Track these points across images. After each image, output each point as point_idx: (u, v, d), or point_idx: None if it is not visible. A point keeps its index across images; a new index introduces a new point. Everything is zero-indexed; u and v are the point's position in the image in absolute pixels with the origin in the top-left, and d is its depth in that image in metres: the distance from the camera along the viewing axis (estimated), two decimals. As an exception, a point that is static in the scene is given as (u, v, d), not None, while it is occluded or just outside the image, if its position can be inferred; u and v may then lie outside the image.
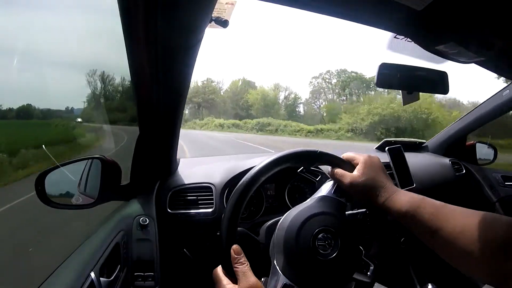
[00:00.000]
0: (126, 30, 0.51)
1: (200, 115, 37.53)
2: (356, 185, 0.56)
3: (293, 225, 0.55)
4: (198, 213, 0.88)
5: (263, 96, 33.96)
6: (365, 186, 0.55)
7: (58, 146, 5.19)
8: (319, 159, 0.60)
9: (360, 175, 0.56)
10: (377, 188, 0.55)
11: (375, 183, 0.55)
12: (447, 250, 0.47)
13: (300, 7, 0.45)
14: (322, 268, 0.53)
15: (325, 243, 0.54)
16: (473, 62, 0.53)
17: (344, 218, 0.58)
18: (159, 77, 0.62)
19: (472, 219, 0.45)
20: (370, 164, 0.58)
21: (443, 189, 1.24)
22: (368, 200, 0.57)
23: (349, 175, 0.57)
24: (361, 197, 0.57)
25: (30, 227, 2.65)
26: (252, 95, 34.54)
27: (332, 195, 0.59)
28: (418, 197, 0.52)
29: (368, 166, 0.57)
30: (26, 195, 3.08)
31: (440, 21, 0.41)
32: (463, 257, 0.45)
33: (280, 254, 0.54)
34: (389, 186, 0.55)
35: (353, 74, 32.42)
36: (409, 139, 1.61)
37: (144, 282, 0.71)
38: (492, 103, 1.25)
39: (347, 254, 0.55)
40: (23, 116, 6.63)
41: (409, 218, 0.51)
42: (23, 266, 1.95)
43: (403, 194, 0.54)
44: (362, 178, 0.56)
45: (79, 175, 0.82)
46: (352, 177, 0.56)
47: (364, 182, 0.55)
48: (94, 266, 0.57)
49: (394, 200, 0.53)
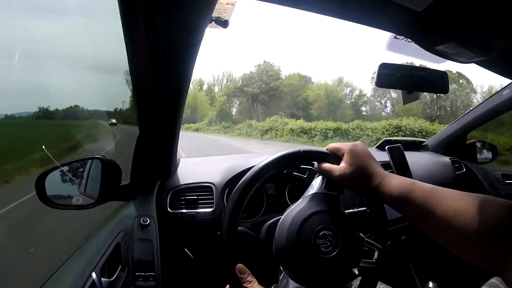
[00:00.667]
0: (127, 30, 0.51)
1: (255, 113, 27.17)
2: (346, 177, 0.54)
3: (294, 224, 0.55)
4: (198, 213, 0.89)
5: (326, 93, 25.58)
6: (355, 176, 0.54)
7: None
8: (303, 159, 0.60)
9: (348, 166, 0.55)
10: (367, 176, 0.54)
11: (364, 171, 0.54)
12: (441, 233, 0.46)
13: (301, 7, 0.45)
14: (324, 265, 0.53)
15: (326, 241, 0.54)
16: (473, 62, 0.53)
17: (342, 214, 0.58)
18: (159, 77, 0.62)
19: (464, 201, 0.44)
20: (356, 153, 0.56)
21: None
22: (360, 189, 0.55)
23: (337, 168, 0.56)
24: (353, 188, 0.56)
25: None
26: (312, 91, 26.24)
27: (324, 191, 0.59)
28: (408, 181, 0.51)
29: (354, 155, 0.55)
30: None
31: (440, 22, 0.41)
32: (457, 241, 0.44)
33: (285, 257, 0.54)
34: (379, 171, 0.54)
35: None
36: (409, 138, 1.61)
37: (145, 282, 0.71)
38: (492, 102, 1.25)
39: (348, 251, 0.55)
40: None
41: (402, 203, 0.50)
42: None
43: (394, 178, 0.53)
44: (351, 169, 0.54)
45: (79, 175, 0.82)
46: (340, 169, 0.55)
47: (352, 172, 0.54)
48: (95, 267, 0.57)
49: (385, 185, 0.52)
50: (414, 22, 0.42)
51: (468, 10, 0.37)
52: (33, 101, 6.73)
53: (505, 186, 1.35)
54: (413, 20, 0.41)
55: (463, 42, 0.43)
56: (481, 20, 0.39)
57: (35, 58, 7.78)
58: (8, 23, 6.66)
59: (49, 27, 11.71)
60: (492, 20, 0.38)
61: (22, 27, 7.19)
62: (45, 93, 6.60)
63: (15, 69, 4.90)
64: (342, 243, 0.54)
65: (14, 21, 7.25)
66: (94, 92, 8.21)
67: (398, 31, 0.47)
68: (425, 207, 0.47)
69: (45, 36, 11.22)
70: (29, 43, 7.80)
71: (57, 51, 10.15)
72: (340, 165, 0.56)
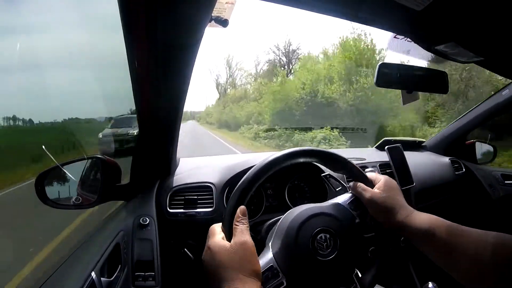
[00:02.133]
0: (126, 29, 0.51)
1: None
2: (375, 201, 0.58)
3: (294, 222, 0.55)
4: (198, 213, 0.88)
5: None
6: (385, 203, 0.57)
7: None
8: (345, 168, 0.62)
9: (381, 192, 0.58)
10: (395, 207, 0.57)
11: (394, 202, 0.57)
12: (462, 269, 0.48)
13: (301, 6, 0.45)
14: (320, 268, 0.53)
15: (324, 244, 0.54)
16: (473, 62, 0.53)
17: (347, 222, 0.58)
18: (159, 76, 0.62)
19: (484, 238, 0.47)
20: (390, 184, 0.60)
21: (443, 188, 1.24)
22: (384, 217, 0.58)
23: (370, 190, 0.59)
24: (378, 213, 0.58)
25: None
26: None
27: (346, 206, 0.60)
28: (435, 217, 0.54)
29: (389, 185, 0.60)
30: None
31: (440, 21, 0.41)
32: (478, 278, 0.46)
33: (278, 242, 0.55)
34: (407, 206, 0.57)
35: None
36: (409, 138, 1.61)
37: (144, 282, 0.71)
38: (491, 103, 1.25)
39: (346, 256, 0.55)
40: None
41: (429, 237, 0.52)
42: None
43: (421, 213, 0.56)
44: (383, 195, 0.58)
45: (79, 175, 0.82)
46: (373, 193, 0.59)
47: (384, 199, 0.57)
48: (95, 266, 0.57)
49: (413, 218, 0.55)
50: (414, 21, 0.42)
51: (467, 10, 0.37)
52: (32, 103, 6.74)
53: (505, 186, 1.35)
54: (412, 19, 0.41)
55: (463, 42, 0.43)
56: (481, 19, 0.39)
57: (32, 57, 7.73)
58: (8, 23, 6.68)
59: (48, 27, 11.71)
60: (491, 20, 0.39)
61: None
62: (43, 95, 6.58)
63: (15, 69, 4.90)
64: (340, 248, 0.54)
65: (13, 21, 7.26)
66: (93, 92, 8.19)
67: (398, 30, 0.47)
68: (451, 241, 0.49)
69: (45, 36, 11.23)
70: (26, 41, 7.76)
71: (56, 52, 10.15)
72: (373, 189, 0.60)
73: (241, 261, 0.46)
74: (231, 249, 0.47)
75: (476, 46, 0.45)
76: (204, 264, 0.49)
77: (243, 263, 0.46)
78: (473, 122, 1.33)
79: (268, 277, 0.51)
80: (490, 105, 1.25)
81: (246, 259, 0.46)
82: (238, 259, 0.46)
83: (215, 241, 0.49)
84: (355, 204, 0.61)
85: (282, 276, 0.52)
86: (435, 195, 1.21)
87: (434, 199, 1.20)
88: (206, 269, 0.48)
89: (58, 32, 11.20)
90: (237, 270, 0.45)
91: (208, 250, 0.49)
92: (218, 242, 0.49)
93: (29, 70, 8.18)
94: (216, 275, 0.46)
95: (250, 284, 0.44)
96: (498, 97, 1.22)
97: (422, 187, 1.15)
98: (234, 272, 0.45)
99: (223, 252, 0.47)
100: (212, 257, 0.48)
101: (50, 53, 11.06)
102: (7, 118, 6.42)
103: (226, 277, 0.45)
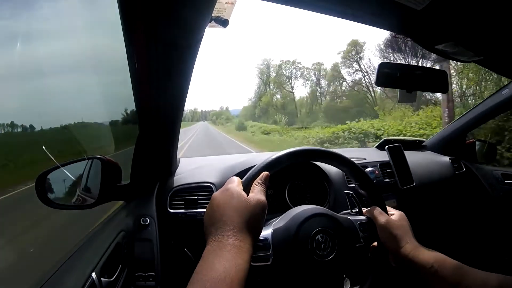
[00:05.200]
0: (126, 29, 0.51)
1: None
2: (390, 227, 0.59)
3: (292, 224, 0.56)
4: (198, 213, 0.88)
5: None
6: (397, 231, 0.59)
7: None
8: (368, 188, 0.64)
9: (395, 221, 0.61)
10: (405, 238, 0.59)
11: (405, 233, 0.60)
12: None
13: (301, 6, 0.45)
14: (317, 268, 0.53)
15: (322, 245, 0.55)
16: (473, 61, 0.53)
17: (341, 219, 0.59)
18: (159, 76, 0.62)
19: (489, 282, 0.48)
20: (404, 217, 0.63)
21: (443, 187, 1.24)
22: (391, 246, 0.59)
23: (386, 216, 0.62)
24: (387, 240, 0.60)
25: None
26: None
27: (356, 225, 0.61)
28: (441, 254, 0.56)
29: (403, 218, 0.63)
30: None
31: (440, 21, 0.41)
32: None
33: (281, 223, 0.57)
34: (415, 241, 0.59)
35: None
36: (409, 138, 1.61)
37: (145, 282, 0.71)
38: (491, 102, 1.25)
39: (344, 257, 0.55)
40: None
41: (434, 271, 0.53)
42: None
43: (426, 249, 0.58)
44: (397, 224, 0.61)
45: (79, 175, 0.81)
46: (389, 219, 0.61)
47: (398, 227, 0.60)
48: (95, 267, 0.57)
49: (420, 253, 0.56)
50: (414, 20, 0.42)
51: (467, 10, 0.37)
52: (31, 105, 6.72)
53: (505, 186, 1.35)
54: (412, 18, 0.41)
55: (462, 41, 0.43)
56: (480, 19, 0.39)
57: (32, 59, 7.71)
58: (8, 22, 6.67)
59: (47, 27, 11.69)
60: (491, 19, 0.39)
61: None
62: (43, 96, 6.56)
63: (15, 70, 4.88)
64: (338, 249, 0.55)
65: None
66: (93, 92, 8.15)
67: (398, 29, 0.47)
68: (456, 277, 0.51)
69: (44, 36, 11.19)
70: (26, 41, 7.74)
71: (55, 52, 10.14)
72: (389, 216, 0.62)
73: (251, 214, 0.47)
74: (247, 201, 0.48)
75: (476, 45, 0.45)
76: (215, 200, 0.49)
77: (252, 217, 0.47)
78: (473, 121, 1.33)
79: (259, 246, 0.53)
80: (490, 105, 1.25)
81: (256, 216, 0.48)
82: (249, 212, 0.47)
83: (235, 187, 0.50)
84: (365, 226, 0.61)
85: (271, 253, 0.53)
86: (435, 195, 1.21)
87: (434, 199, 1.20)
88: (217, 205, 0.49)
89: (58, 32, 11.19)
90: (244, 221, 0.46)
91: (227, 191, 0.50)
92: (238, 190, 0.50)
93: (29, 70, 8.18)
94: (224, 214, 0.47)
95: (246, 238, 0.45)
96: (498, 96, 1.22)
97: (423, 186, 1.15)
98: (241, 221, 0.46)
99: (239, 199, 0.48)
100: (228, 199, 0.48)
101: (50, 53, 11.05)
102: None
103: (232, 221, 0.45)
